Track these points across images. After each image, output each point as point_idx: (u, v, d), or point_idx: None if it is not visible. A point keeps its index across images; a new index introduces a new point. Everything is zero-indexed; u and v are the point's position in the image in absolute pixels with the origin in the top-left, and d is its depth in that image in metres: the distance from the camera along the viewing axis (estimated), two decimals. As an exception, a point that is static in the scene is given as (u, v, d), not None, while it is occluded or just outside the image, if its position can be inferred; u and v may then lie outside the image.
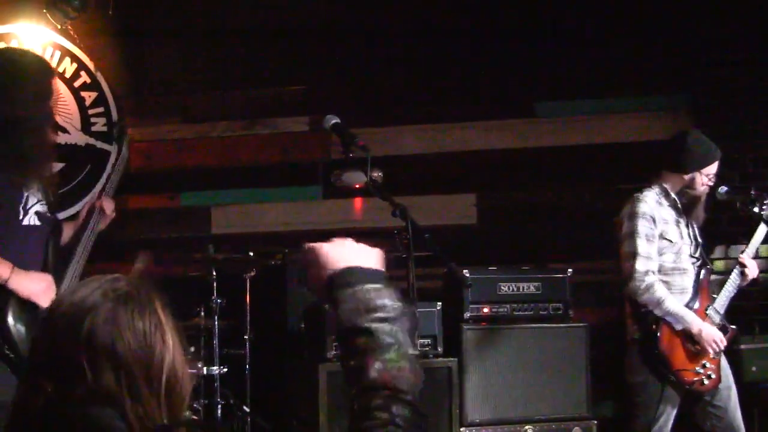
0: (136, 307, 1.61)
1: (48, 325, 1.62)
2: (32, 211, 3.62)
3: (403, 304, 1.71)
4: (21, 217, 3.57)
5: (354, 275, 1.74)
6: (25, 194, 3.60)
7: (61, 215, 4.33)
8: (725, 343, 4.77)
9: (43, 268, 3.59)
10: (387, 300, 1.70)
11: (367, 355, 1.62)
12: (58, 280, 3.64)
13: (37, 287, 3.46)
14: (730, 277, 4.87)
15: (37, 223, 3.64)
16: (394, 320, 1.67)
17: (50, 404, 1.52)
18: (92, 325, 1.56)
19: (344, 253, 1.80)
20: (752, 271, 4.87)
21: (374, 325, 1.65)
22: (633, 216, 4.76)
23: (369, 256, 1.81)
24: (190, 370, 1.68)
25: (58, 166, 4.35)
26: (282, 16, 6.85)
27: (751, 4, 6.33)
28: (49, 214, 3.72)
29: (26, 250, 3.56)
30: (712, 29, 6.45)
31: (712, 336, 4.71)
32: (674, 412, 4.75)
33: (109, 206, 4.15)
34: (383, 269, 1.80)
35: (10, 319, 3.40)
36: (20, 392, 1.59)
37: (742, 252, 4.92)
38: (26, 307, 3.43)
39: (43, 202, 3.70)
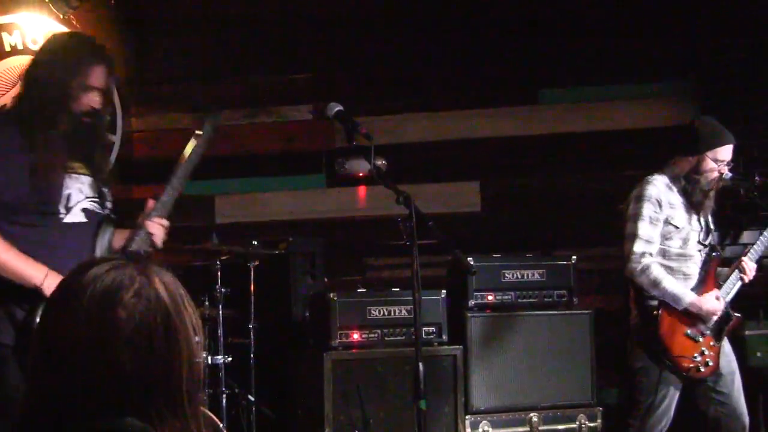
0: None
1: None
2: (78, 208, 3.53)
3: None
4: (62, 215, 3.48)
5: None
6: (66, 192, 3.49)
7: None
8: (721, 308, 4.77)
9: None
10: None
11: None
12: None
13: None
14: (730, 278, 4.86)
15: (83, 219, 3.54)
16: None
17: None
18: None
19: None
20: (751, 274, 4.86)
21: None
22: (640, 198, 4.75)
23: None
24: None
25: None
26: (285, 5, 6.85)
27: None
28: (98, 210, 3.61)
29: (66, 248, 3.45)
30: (715, 14, 6.43)
31: (713, 308, 4.71)
32: (677, 394, 4.75)
33: (157, 229, 3.68)
34: None
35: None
36: None
37: (745, 254, 4.89)
38: None
39: (94, 199, 3.60)
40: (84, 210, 3.56)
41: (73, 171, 3.54)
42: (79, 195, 3.55)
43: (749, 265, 4.84)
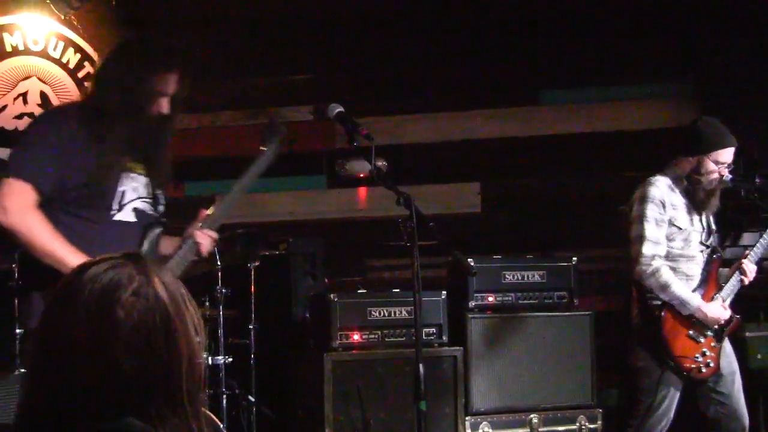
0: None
1: None
2: (129, 207, 3.53)
3: None
4: (113, 211, 3.48)
5: None
6: (121, 189, 3.49)
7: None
8: (726, 316, 4.76)
9: None
10: None
11: None
12: None
13: None
14: (730, 280, 4.85)
15: (132, 219, 3.54)
16: None
17: None
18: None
19: None
20: (751, 276, 4.85)
21: None
22: (643, 200, 4.74)
23: None
24: None
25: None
26: (285, 6, 6.84)
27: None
28: (149, 212, 3.61)
29: (112, 244, 3.31)
30: (715, 14, 6.43)
31: (718, 316, 4.71)
32: (677, 394, 4.75)
33: (205, 240, 3.67)
34: None
35: None
36: None
37: (745, 256, 4.89)
38: None
39: (147, 199, 3.61)
40: (135, 209, 3.56)
41: (131, 170, 3.55)
42: (132, 194, 3.55)
43: (749, 267, 4.83)
